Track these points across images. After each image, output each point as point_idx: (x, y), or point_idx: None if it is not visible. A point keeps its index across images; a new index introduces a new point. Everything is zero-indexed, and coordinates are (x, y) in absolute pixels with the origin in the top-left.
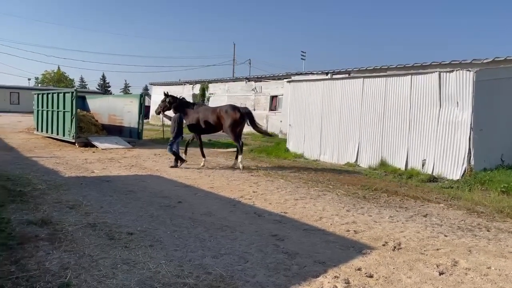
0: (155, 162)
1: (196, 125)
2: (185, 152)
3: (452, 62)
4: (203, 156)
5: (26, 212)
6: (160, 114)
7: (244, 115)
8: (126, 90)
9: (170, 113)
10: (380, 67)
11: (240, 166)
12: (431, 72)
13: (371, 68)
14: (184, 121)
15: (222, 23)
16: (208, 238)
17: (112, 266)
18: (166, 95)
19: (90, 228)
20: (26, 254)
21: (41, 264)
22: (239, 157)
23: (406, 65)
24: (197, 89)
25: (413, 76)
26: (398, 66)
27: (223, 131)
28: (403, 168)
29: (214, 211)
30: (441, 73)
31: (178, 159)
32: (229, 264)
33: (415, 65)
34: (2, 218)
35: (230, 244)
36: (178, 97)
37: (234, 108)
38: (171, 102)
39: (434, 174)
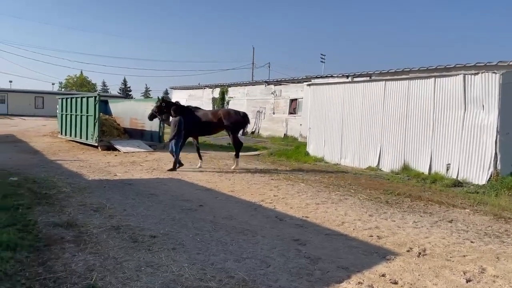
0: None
1: (196, 128)
2: (200, 157)
3: (477, 64)
4: (200, 158)
5: (52, 215)
6: (156, 118)
7: (246, 118)
8: (146, 94)
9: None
10: (402, 70)
11: (236, 166)
12: (456, 75)
13: (393, 70)
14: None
15: (240, 26)
16: (230, 241)
17: (136, 269)
18: (162, 100)
19: (114, 230)
20: (53, 256)
21: (67, 266)
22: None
23: (429, 68)
24: (216, 93)
25: (437, 79)
26: (421, 69)
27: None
28: (426, 172)
29: (235, 215)
30: (466, 76)
31: (177, 162)
32: (251, 268)
33: (438, 67)
34: (29, 220)
35: (252, 248)
36: (175, 101)
37: (236, 112)
38: (168, 106)
39: (459, 178)
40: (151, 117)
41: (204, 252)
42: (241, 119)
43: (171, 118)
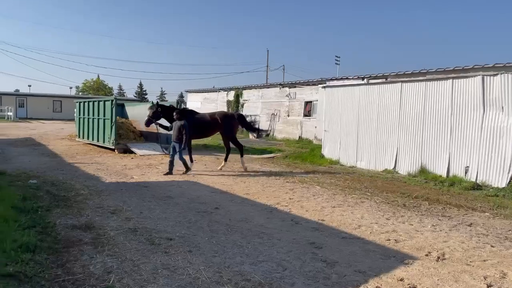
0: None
1: (196, 130)
2: (191, 160)
3: (496, 65)
4: (192, 160)
5: (70, 217)
6: (153, 124)
7: (241, 119)
8: (162, 98)
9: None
10: (419, 71)
11: (243, 165)
12: (474, 76)
13: (410, 72)
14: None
15: (255, 29)
16: (245, 244)
17: (153, 271)
18: (157, 105)
19: (131, 233)
20: (72, 258)
21: (85, 268)
22: (225, 161)
23: (447, 69)
24: (231, 95)
25: (454, 80)
26: (438, 70)
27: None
28: (444, 175)
29: (250, 218)
30: (485, 77)
31: (186, 166)
32: (267, 272)
33: (456, 68)
34: (48, 222)
35: (267, 251)
36: (169, 105)
37: (232, 113)
38: (164, 111)
39: (478, 181)
40: (148, 123)
41: (220, 254)
42: (236, 120)
43: (163, 121)
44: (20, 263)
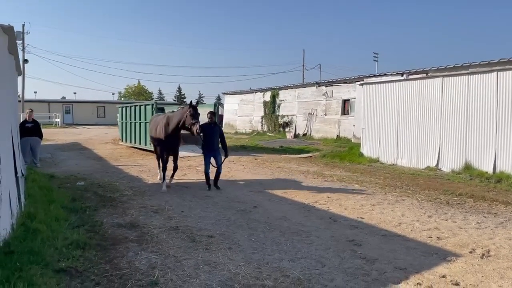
0: (229, 168)
1: None
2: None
3: None
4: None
5: (116, 216)
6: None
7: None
8: (200, 100)
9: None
10: (461, 65)
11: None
12: None
13: (451, 66)
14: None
15: (291, 28)
16: (284, 242)
17: (195, 267)
18: (194, 104)
19: (173, 231)
20: (118, 254)
21: (131, 264)
22: None
23: (491, 61)
24: (267, 96)
25: (499, 73)
26: (481, 63)
27: None
28: (490, 171)
29: (289, 216)
30: None
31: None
32: (306, 268)
33: (501, 60)
34: (96, 221)
35: (306, 248)
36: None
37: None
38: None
39: None
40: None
41: (259, 251)
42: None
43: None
44: (71, 259)
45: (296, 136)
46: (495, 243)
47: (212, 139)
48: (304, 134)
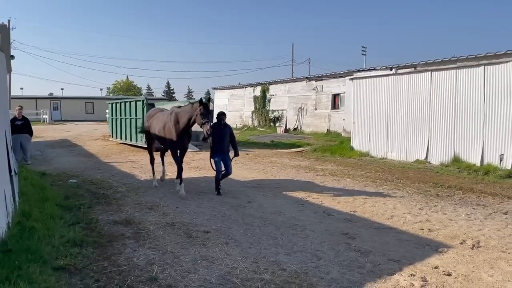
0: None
1: None
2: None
3: None
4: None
5: (111, 213)
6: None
7: None
8: (189, 96)
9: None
10: (449, 59)
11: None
12: (506, 62)
13: (439, 60)
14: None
15: (279, 23)
16: (279, 236)
17: (193, 262)
18: (205, 102)
19: (169, 227)
20: (116, 251)
21: (129, 260)
22: None
23: (478, 55)
24: (257, 91)
25: (486, 67)
26: (469, 57)
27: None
28: (478, 164)
29: (283, 211)
30: None
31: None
32: (302, 261)
33: (487, 54)
34: (91, 219)
35: (301, 242)
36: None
37: None
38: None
39: None
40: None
41: (255, 246)
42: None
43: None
44: (69, 257)
45: (286, 130)
46: (485, 234)
47: (222, 141)
48: (295, 129)
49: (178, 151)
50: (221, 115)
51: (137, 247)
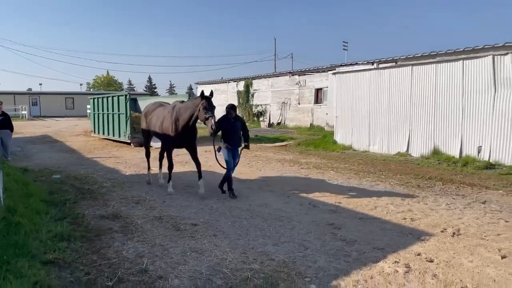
0: (206, 159)
1: None
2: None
3: (506, 44)
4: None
5: (97, 208)
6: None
7: None
8: (171, 91)
9: None
10: (429, 53)
11: None
12: (484, 56)
13: (419, 55)
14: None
15: (262, 18)
16: (267, 227)
17: (182, 254)
18: (207, 95)
19: (157, 220)
20: (104, 245)
21: (119, 253)
22: None
23: (457, 50)
24: (241, 86)
25: (465, 61)
26: (448, 52)
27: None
28: (457, 155)
29: (269, 203)
30: (495, 56)
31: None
32: (290, 251)
33: (466, 49)
34: (77, 214)
35: (288, 233)
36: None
37: None
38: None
39: (491, 160)
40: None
41: (243, 237)
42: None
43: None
44: (57, 251)
45: (270, 125)
46: (464, 223)
47: (234, 135)
48: (278, 123)
49: (186, 150)
50: (230, 108)
51: (125, 241)
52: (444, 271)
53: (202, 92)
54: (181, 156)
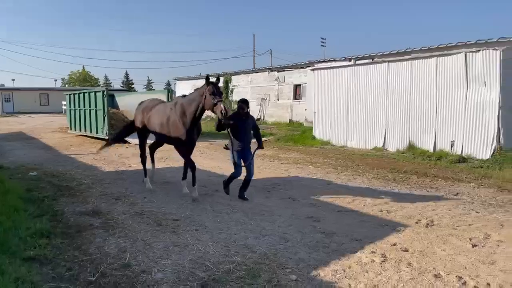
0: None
1: None
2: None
3: (478, 42)
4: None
5: (77, 205)
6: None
7: None
8: (149, 87)
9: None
10: (404, 50)
11: None
12: (457, 53)
13: (395, 52)
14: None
15: (240, 14)
16: (248, 221)
17: (165, 249)
18: (213, 81)
19: (138, 216)
20: (85, 241)
21: (101, 249)
22: None
23: (431, 47)
24: (220, 82)
25: (438, 58)
26: (422, 49)
27: None
28: (431, 150)
29: (250, 198)
30: (467, 54)
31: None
32: (271, 244)
33: (440, 46)
34: (56, 211)
35: (269, 226)
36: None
37: None
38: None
39: (463, 154)
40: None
41: (225, 231)
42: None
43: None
44: (38, 248)
45: None
46: (438, 214)
47: (244, 134)
48: (258, 119)
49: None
50: (243, 103)
51: (107, 237)
52: (419, 259)
53: (207, 77)
54: (160, 152)
